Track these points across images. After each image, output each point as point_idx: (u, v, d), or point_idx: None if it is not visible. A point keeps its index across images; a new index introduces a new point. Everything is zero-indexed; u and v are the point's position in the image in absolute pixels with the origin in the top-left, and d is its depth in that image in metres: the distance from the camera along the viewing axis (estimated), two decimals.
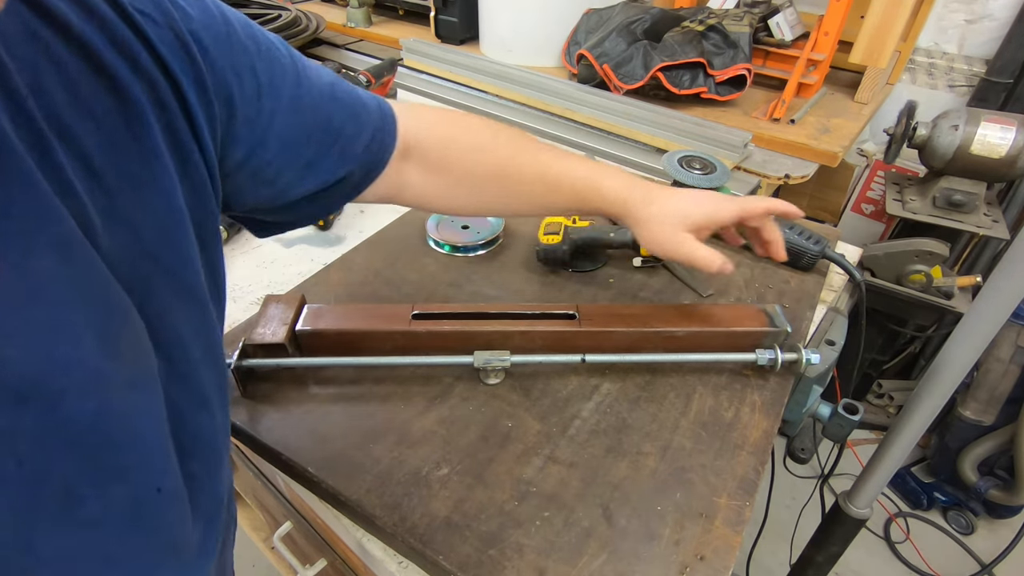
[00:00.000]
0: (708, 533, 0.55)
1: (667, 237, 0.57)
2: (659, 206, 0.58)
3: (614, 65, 1.44)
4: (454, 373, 0.71)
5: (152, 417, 0.32)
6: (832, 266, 0.92)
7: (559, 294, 0.85)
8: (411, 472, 0.59)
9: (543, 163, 0.58)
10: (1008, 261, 0.66)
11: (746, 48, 1.40)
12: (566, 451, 0.62)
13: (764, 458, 0.62)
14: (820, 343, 0.78)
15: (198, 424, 0.37)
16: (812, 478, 1.86)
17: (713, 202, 0.59)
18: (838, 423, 0.78)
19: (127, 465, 0.31)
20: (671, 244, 0.57)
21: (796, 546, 1.25)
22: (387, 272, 0.88)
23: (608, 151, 1.31)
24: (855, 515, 0.99)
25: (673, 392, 0.69)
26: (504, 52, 1.73)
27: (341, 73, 1.30)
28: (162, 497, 0.33)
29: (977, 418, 1.57)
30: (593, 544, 0.53)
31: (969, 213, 1.35)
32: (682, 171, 0.92)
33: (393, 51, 1.87)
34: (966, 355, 0.75)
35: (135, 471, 0.31)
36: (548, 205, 0.60)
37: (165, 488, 0.33)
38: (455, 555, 0.52)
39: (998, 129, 1.22)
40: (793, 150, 1.33)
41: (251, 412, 0.66)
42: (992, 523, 1.73)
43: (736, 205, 0.59)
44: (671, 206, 0.58)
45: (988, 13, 1.52)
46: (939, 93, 1.66)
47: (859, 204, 1.84)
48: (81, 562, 0.30)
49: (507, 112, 1.48)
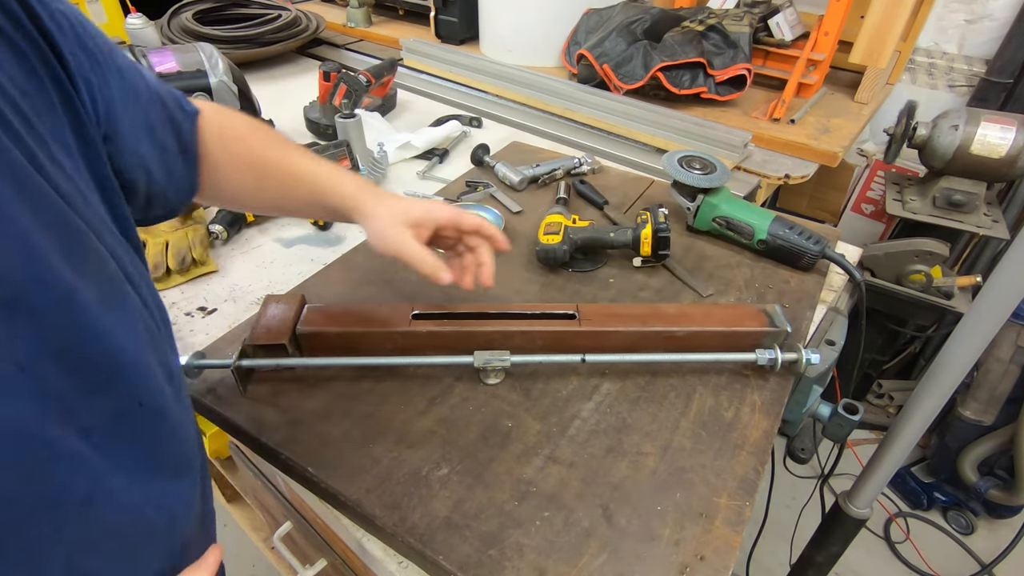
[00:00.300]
0: (708, 533, 0.55)
1: (389, 231, 0.60)
2: (386, 205, 0.61)
3: (614, 65, 1.44)
4: (454, 373, 0.71)
5: (129, 337, 0.35)
6: (832, 266, 0.92)
7: (559, 294, 0.85)
8: (411, 472, 0.59)
9: (289, 157, 0.62)
10: (1008, 261, 0.66)
11: (746, 48, 1.40)
12: (566, 451, 0.62)
13: (764, 458, 0.62)
14: (820, 343, 0.78)
15: (167, 353, 0.42)
16: (812, 478, 1.86)
17: (432, 204, 0.64)
18: (838, 423, 0.78)
19: (107, 379, 0.34)
20: (391, 237, 0.60)
21: (796, 546, 1.25)
22: (387, 272, 0.88)
23: (608, 151, 1.31)
24: (855, 515, 0.99)
25: (673, 392, 0.69)
26: (504, 52, 1.73)
27: (341, 73, 1.30)
28: (144, 412, 0.37)
29: (977, 418, 1.57)
30: (593, 544, 0.53)
31: (969, 213, 1.35)
32: (682, 171, 0.92)
33: (393, 51, 1.87)
34: (966, 355, 0.75)
35: (116, 385, 0.35)
36: (291, 198, 0.63)
37: (146, 404, 0.37)
38: (455, 555, 0.52)
39: (998, 129, 1.22)
40: (793, 150, 1.33)
41: (251, 412, 0.66)
42: (992, 523, 1.73)
43: (451, 210, 0.64)
44: (397, 206, 0.62)
45: (988, 13, 1.52)
46: (939, 93, 1.66)
47: (859, 204, 1.84)
48: (84, 465, 0.33)
49: (507, 112, 1.48)
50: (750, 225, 0.90)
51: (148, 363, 0.38)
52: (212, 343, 0.75)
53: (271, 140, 0.62)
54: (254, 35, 1.65)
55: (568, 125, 1.43)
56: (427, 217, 0.62)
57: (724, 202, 0.92)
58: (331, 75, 1.31)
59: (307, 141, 1.30)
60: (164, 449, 0.40)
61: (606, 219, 1.02)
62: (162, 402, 0.39)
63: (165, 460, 0.40)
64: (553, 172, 1.12)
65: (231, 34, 1.62)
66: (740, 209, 0.92)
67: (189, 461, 0.44)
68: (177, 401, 0.42)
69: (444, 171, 1.21)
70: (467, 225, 0.64)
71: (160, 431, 0.39)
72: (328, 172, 0.62)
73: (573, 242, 0.86)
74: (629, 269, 0.90)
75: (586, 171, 1.14)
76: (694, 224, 0.97)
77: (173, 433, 0.41)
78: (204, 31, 1.61)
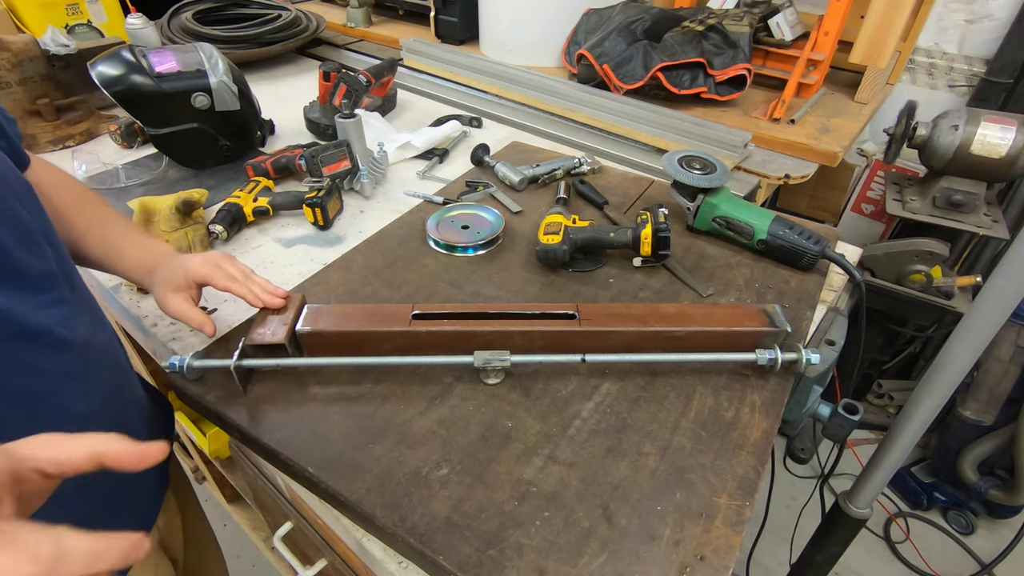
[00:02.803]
0: (708, 533, 0.55)
1: (164, 301, 0.69)
2: (159, 277, 0.70)
3: (614, 65, 1.44)
4: (454, 373, 0.71)
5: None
6: (832, 266, 0.92)
7: (559, 294, 0.85)
8: (411, 472, 0.59)
9: (91, 220, 0.70)
10: (1008, 261, 0.66)
11: (746, 48, 1.40)
12: (566, 451, 0.62)
13: (764, 458, 0.62)
14: (820, 343, 0.78)
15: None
16: (812, 478, 1.86)
17: (190, 266, 0.70)
18: (838, 423, 0.78)
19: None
20: (166, 305, 0.69)
21: (796, 546, 1.25)
22: (387, 272, 0.88)
23: (608, 151, 1.31)
24: (855, 515, 0.99)
25: (673, 392, 0.69)
26: (504, 52, 1.73)
27: (341, 73, 1.30)
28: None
29: (977, 418, 1.57)
30: (593, 544, 0.53)
31: (969, 213, 1.35)
32: (682, 171, 0.92)
33: (393, 51, 1.87)
34: (966, 355, 0.75)
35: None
36: (85, 255, 0.70)
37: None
38: (455, 555, 0.52)
39: (998, 129, 1.22)
40: (793, 150, 1.33)
41: (251, 412, 0.66)
42: (992, 523, 1.73)
43: (205, 271, 0.70)
44: (166, 277, 0.70)
45: (988, 13, 1.52)
46: (939, 93, 1.66)
47: (859, 204, 1.84)
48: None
49: (507, 112, 1.48)
50: (750, 225, 0.90)
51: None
52: (212, 343, 0.75)
53: (83, 204, 0.70)
54: (254, 35, 1.65)
55: (568, 125, 1.43)
56: (186, 280, 0.69)
57: (724, 202, 0.92)
58: (331, 75, 1.31)
59: (307, 141, 1.30)
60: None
61: (606, 219, 1.02)
62: None
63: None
64: (553, 172, 1.12)
65: (231, 34, 1.62)
66: (740, 209, 0.92)
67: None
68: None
69: (444, 171, 1.21)
70: (219, 285, 0.70)
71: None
72: (116, 240, 0.71)
73: (573, 242, 0.86)
74: (629, 269, 0.90)
75: (586, 171, 1.14)
76: (694, 224, 0.97)
77: None
78: (204, 31, 1.61)
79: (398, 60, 1.71)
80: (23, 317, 0.49)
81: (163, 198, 1.01)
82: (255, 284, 0.71)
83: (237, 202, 1.01)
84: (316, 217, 1.00)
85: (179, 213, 0.97)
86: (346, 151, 1.09)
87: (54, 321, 0.51)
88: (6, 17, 1.61)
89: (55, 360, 0.52)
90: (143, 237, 0.75)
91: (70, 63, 1.31)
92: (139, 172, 1.19)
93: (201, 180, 1.18)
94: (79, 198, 0.71)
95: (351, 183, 1.12)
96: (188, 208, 0.98)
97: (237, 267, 0.72)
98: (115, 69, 1.07)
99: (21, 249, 0.49)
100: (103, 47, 1.32)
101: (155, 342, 0.81)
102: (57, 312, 0.52)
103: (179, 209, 0.97)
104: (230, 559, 1.05)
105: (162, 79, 1.08)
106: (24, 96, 1.24)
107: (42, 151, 1.26)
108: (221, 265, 0.70)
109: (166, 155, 1.20)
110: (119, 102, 1.07)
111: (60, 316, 0.52)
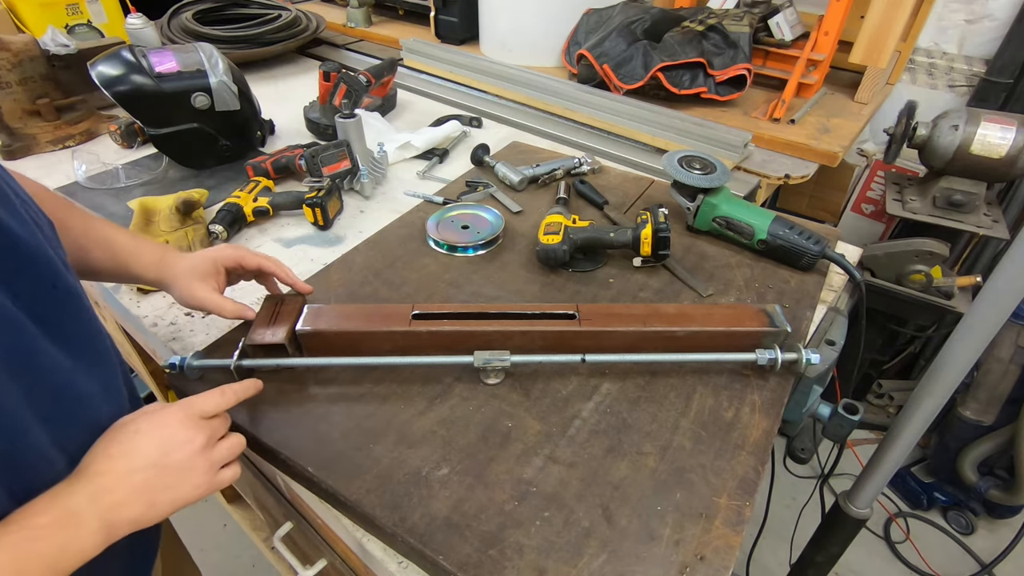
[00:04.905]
0: (708, 533, 0.55)
1: (189, 291, 0.67)
2: (181, 269, 0.68)
3: (614, 65, 1.44)
4: (454, 373, 0.71)
5: (23, 228, 0.44)
6: (832, 266, 0.92)
7: (559, 294, 0.85)
8: (411, 472, 0.59)
9: (88, 225, 0.67)
10: (1008, 261, 0.66)
11: (746, 48, 1.40)
12: (566, 451, 0.62)
13: (764, 458, 0.62)
14: (820, 343, 0.78)
15: (57, 247, 0.51)
16: (812, 478, 1.86)
17: (217, 250, 0.71)
18: (838, 423, 0.78)
19: (19, 266, 0.43)
20: (191, 295, 0.67)
21: (796, 546, 1.25)
22: (387, 272, 0.88)
23: (608, 151, 1.31)
24: (855, 515, 0.99)
25: (673, 392, 0.69)
26: (504, 52, 1.73)
27: (341, 73, 1.30)
28: (58, 293, 0.46)
29: (977, 418, 1.57)
30: (593, 544, 0.53)
31: (969, 213, 1.35)
32: (682, 171, 0.92)
33: (393, 51, 1.87)
34: (966, 355, 0.75)
35: (28, 270, 0.44)
36: (89, 261, 0.67)
37: (59, 286, 0.46)
38: (455, 555, 0.52)
39: (998, 129, 1.22)
40: (793, 150, 1.33)
41: (251, 412, 0.66)
42: (992, 523, 1.73)
43: (234, 253, 0.72)
44: (190, 266, 0.69)
45: (988, 13, 1.52)
46: (939, 93, 1.66)
47: (859, 204, 1.84)
48: (24, 336, 0.42)
49: (507, 112, 1.48)
50: (750, 225, 0.90)
51: (46, 252, 0.46)
52: (212, 343, 0.75)
53: (71, 210, 0.67)
54: (254, 35, 1.65)
55: (568, 125, 1.43)
56: (214, 266, 0.69)
57: (724, 202, 0.92)
58: (331, 75, 1.31)
59: (307, 141, 1.30)
60: (82, 325, 0.49)
61: (606, 219, 1.02)
62: (69, 283, 0.48)
63: (83, 335, 0.49)
64: (553, 172, 1.12)
65: (231, 34, 1.62)
66: (740, 209, 0.92)
67: (107, 350, 0.53)
68: (83, 292, 0.51)
69: (444, 171, 1.21)
70: (249, 264, 0.72)
71: (76, 308, 0.49)
72: (127, 242, 0.69)
73: (573, 242, 0.86)
74: (629, 269, 0.90)
75: (586, 171, 1.14)
76: (694, 224, 0.97)
77: (87, 311, 0.50)
78: (204, 31, 1.61)
79: (398, 60, 1.71)
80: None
81: (163, 198, 1.01)
82: (284, 265, 0.73)
83: (237, 202, 1.01)
84: (316, 217, 1.00)
85: (179, 213, 0.97)
86: (346, 151, 1.09)
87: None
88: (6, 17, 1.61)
89: None
90: (148, 239, 0.74)
91: (70, 63, 1.31)
92: (139, 172, 1.19)
93: (201, 180, 1.18)
94: (66, 210, 0.69)
95: (351, 183, 1.12)
96: (188, 208, 0.98)
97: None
98: (115, 69, 1.07)
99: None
100: (103, 47, 1.32)
101: (155, 342, 0.81)
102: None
103: (179, 209, 0.97)
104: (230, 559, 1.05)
105: (162, 79, 1.08)
106: (24, 96, 1.25)
107: (42, 151, 1.26)
108: (244, 248, 0.73)
109: (166, 155, 1.20)
110: (119, 102, 1.07)
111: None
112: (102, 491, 0.44)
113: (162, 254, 0.70)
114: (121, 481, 0.45)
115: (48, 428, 0.44)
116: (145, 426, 0.49)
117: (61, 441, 0.46)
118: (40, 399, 0.43)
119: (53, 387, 0.45)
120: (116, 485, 0.45)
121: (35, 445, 0.43)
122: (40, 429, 0.43)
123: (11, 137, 1.24)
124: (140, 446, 0.48)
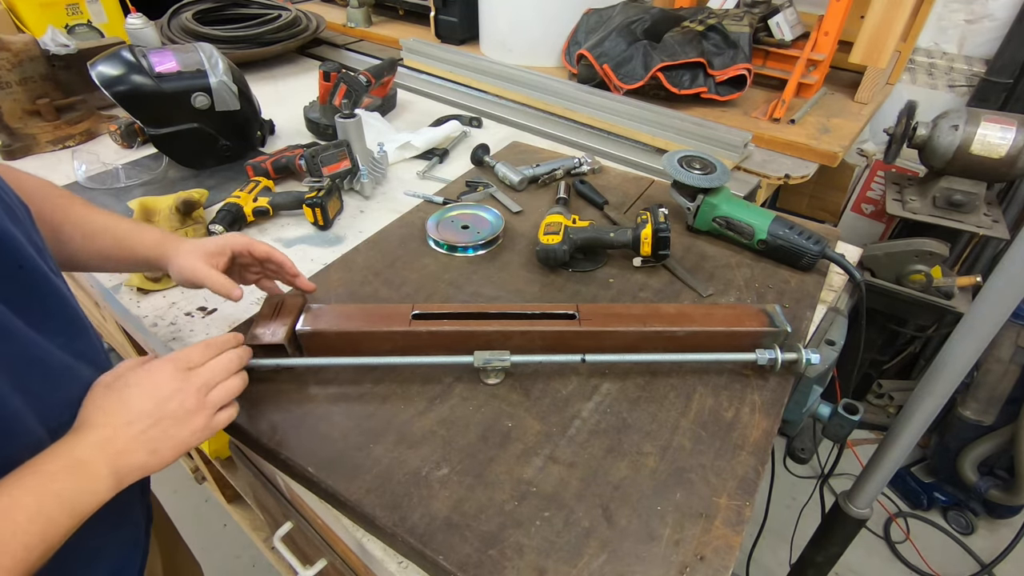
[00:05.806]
0: (708, 533, 0.55)
1: (188, 264, 0.68)
2: (185, 246, 0.70)
3: (614, 65, 1.44)
4: (454, 373, 0.71)
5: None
6: (832, 266, 0.92)
7: (559, 294, 0.85)
8: (411, 472, 0.59)
9: (90, 215, 0.69)
10: (1008, 261, 0.66)
11: (746, 48, 1.40)
12: (566, 451, 0.62)
13: (764, 458, 0.62)
14: (820, 343, 0.78)
15: (31, 232, 0.52)
16: (812, 478, 1.86)
17: (225, 236, 0.72)
18: (838, 423, 0.78)
19: None
20: (189, 268, 0.68)
21: (796, 546, 1.25)
22: (387, 272, 0.88)
23: (608, 151, 1.31)
24: (855, 515, 0.99)
25: (673, 392, 0.69)
26: (504, 52, 1.73)
27: (341, 73, 1.30)
28: (23, 273, 0.47)
29: (977, 418, 1.57)
30: (593, 544, 0.53)
31: (969, 213, 1.35)
32: (682, 171, 0.92)
33: (393, 51, 1.87)
34: (966, 355, 0.75)
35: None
36: (92, 250, 0.69)
37: (26, 267, 0.48)
38: (455, 555, 0.52)
39: (998, 129, 1.22)
40: (793, 150, 1.33)
41: (251, 412, 0.66)
42: (992, 523, 1.73)
43: (245, 239, 0.73)
44: (194, 244, 0.70)
45: (988, 13, 1.52)
46: (939, 93, 1.66)
47: (859, 204, 1.84)
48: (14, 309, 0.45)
49: (507, 112, 1.48)
50: (750, 225, 0.90)
51: (10, 233, 0.46)
52: None
53: (70, 201, 0.69)
54: (254, 35, 1.65)
55: (568, 125, 1.43)
56: (222, 247, 0.70)
57: (724, 202, 0.92)
58: (331, 75, 1.31)
59: (307, 141, 1.30)
60: (54, 304, 0.51)
61: (606, 219, 1.02)
62: (37, 265, 0.49)
63: (55, 315, 0.51)
64: (553, 172, 1.12)
65: (231, 34, 1.62)
66: (740, 209, 0.92)
67: (85, 328, 0.55)
68: (56, 274, 0.52)
69: (444, 171, 1.21)
70: (258, 252, 0.72)
71: (47, 289, 0.50)
72: (130, 227, 0.70)
73: (573, 242, 0.86)
74: (629, 269, 0.90)
75: (586, 171, 1.14)
76: (694, 224, 0.97)
77: (59, 292, 0.51)
78: (204, 31, 1.61)
79: (398, 60, 1.71)
80: None
81: (163, 198, 1.01)
82: (290, 260, 0.74)
83: (237, 202, 1.01)
84: (316, 217, 1.00)
85: (179, 213, 0.97)
86: (346, 151, 1.09)
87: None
88: (6, 17, 1.61)
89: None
90: (151, 226, 0.76)
91: (70, 63, 1.31)
92: (139, 172, 1.19)
93: (201, 180, 1.18)
94: (68, 198, 0.71)
95: (351, 183, 1.12)
96: (188, 208, 0.98)
97: None
98: (115, 69, 1.07)
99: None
100: (103, 47, 1.32)
101: (155, 342, 0.81)
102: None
103: (179, 209, 0.97)
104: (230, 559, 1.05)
105: (162, 79, 1.08)
106: (24, 96, 1.25)
107: (42, 151, 1.26)
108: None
109: (166, 155, 1.20)
110: (119, 102, 1.07)
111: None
112: (105, 440, 0.47)
113: (165, 235, 0.72)
114: (120, 431, 0.48)
115: (27, 400, 0.46)
116: (134, 379, 0.52)
117: (41, 413, 0.47)
118: (15, 371, 0.44)
119: (26, 360, 0.46)
120: (116, 435, 0.48)
121: (13, 415, 0.44)
122: (18, 400, 0.45)
123: (11, 137, 1.24)
124: (133, 399, 0.50)
